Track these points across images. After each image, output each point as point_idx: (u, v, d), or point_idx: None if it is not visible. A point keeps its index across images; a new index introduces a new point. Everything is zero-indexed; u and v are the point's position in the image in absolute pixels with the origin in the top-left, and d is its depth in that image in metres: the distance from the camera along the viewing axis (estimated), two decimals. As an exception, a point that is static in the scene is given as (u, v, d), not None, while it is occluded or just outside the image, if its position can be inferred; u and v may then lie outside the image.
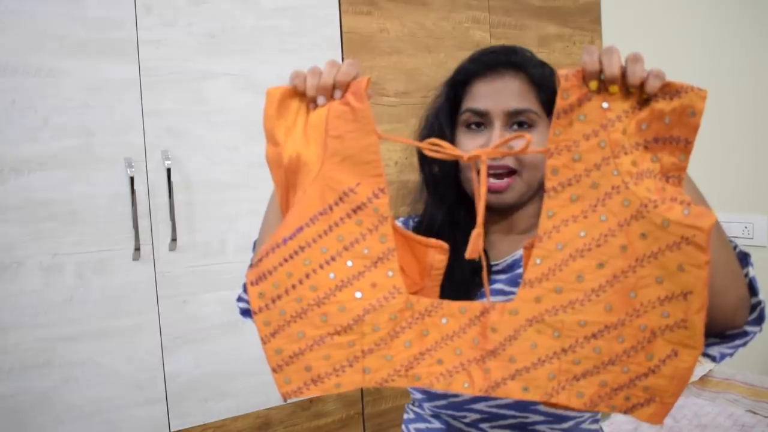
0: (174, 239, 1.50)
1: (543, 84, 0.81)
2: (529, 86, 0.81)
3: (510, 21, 2.04)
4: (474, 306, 0.64)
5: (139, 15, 1.45)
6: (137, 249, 1.45)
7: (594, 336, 0.59)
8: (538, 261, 0.61)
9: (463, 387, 0.63)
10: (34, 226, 1.36)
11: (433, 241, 0.68)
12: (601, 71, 0.57)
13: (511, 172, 0.80)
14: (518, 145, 0.73)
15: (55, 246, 1.38)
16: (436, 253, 0.68)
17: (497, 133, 0.79)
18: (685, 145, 0.57)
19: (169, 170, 1.48)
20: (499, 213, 0.86)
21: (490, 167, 0.79)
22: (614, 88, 0.58)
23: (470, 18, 1.96)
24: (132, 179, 1.43)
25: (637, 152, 0.58)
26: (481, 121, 0.82)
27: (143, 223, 1.47)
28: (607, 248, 0.59)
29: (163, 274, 1.51)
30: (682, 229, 0.56)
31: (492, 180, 0.79)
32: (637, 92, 0.58)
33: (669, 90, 0.56)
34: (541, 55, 0.87)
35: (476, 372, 0.63)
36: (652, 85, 0.56)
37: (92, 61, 1.41)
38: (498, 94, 0.80)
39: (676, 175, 0.58)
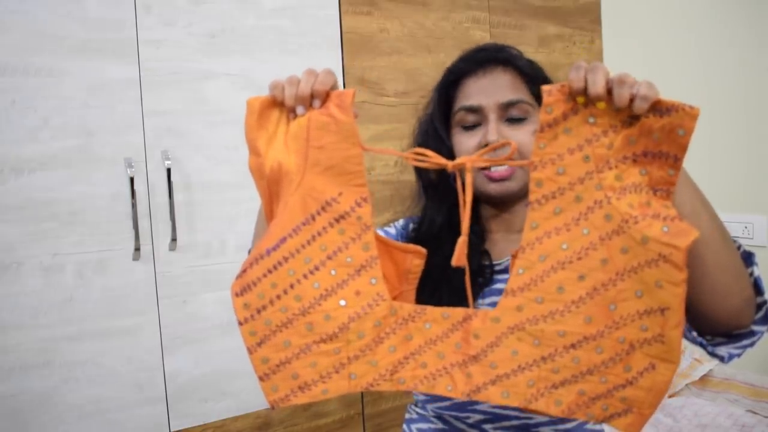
0: (174, 239, 1.50)
1: (533, 76, 0.82)
2: (520, 79, 0.82)
3: (510, 21, 2.04)
4: (457, 312, 0.65)
5: (139, 15, 1.46)
6: (137, 249, 1.45)
7: (573, 346, 0.60)
8: (520, 271, 0.62)
9: (446, 390, 0.64)
10: (34, 226, 1.36)
11: (410, 246, 0.69)
12: (586, 88, 0.57)
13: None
14: (505, 152, 0.74)
15: (55, 246, 1.38)
16: (414, 258, 0.69)
17: (493, 127, 0.79)
18: (674, 162, 0.57)
19: (169, 170, 1.48)
20: (499, 212, 0.86)
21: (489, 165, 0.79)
22: (602, 104, 0.58)
23: (470, 18, 1.96)
24: (132, 179, 1.43)
25: (624, 166, 0.59)
26: (476, 118, 0.82)
27: (143, 223, 1.47)
28: (589, 261, 0.59)
29: (163, 274, 1.51)
30: (659, 247, 0.56)
31: (494, 169, 0.80)
32: (626, 108, 0.57)
33: (659, 107, 0.56)
34: (541, 55, 0.88)
35: (458, 376, 0.64)
36: (639, 107, 0.55)
37: (92, 61, 1.41)
38: (490, 89, 0.81)
39: (664, 188, 0.58)
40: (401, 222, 0.95)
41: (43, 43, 1.36)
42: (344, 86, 1.72)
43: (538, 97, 0.81)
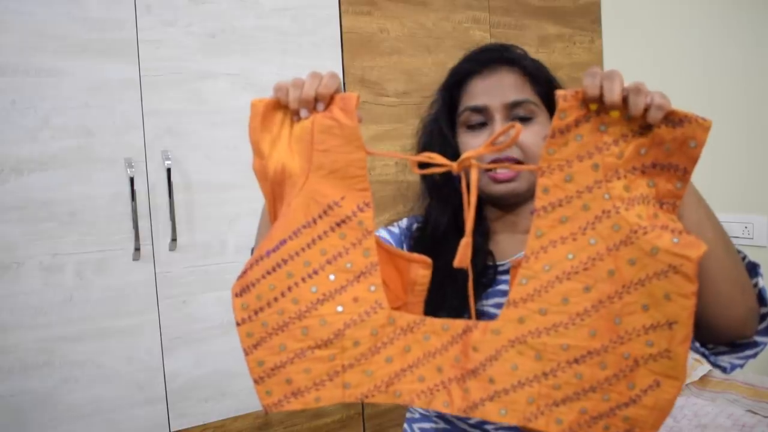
0: (174, 239, 1.50)
1: (538, 75, 0.82)
2: (525, 78, 0.81)
3: (510, 21, 2.04)
4: (457, 324, 0.63)
5: (139, 15, 1.45)
6: (137, 249, 1.45)
7: (576, 361, 0.58)
8: (524, 281, 0.60)
9: (443, 406, 0.63)
10: (34, 226, 1.36)
11: (416, 255, 0.68)
12: (602, 95, 0.56)
13: (517, 163, 0.79)
14: (512, 151, 0.73)
15: (55, 246, 1.38)
16: (420, 268, 0.67)
17: (498, 127, 0.79)
18: (683, 174, 0.57)
19: (169, 170, 1.48)
20: (504, 212, 0.86)
21: (495, 161, 0.78)
22: (615, 113, 0.57)
23: (470, 18, 1.96)
24: (132, 179, 1.43)
25: (632, 177, 0.58)
26: (482, 118, 0.81)
27: (143, 223, 1.47)
28: (595, 272, 0.58)
29: (163, 274, 1.50)
30: (670, 258, 0.55)
31: (500, 170, 0.79)
32: (639, 117, 0.57)
33: (672, 118, 0.55)
34: (541, 55, 0.88)
35: (456, 391, 0.62)
36: (654, 117, 0.55)
37: (92, 61, 1.41)
38: (495, 89, 0.80)
39: (671, 201, 0.58)
40: (405, 222, 0.94)
41: (43, 43, 1.36)
42: (344, 86, 1.72)
43: (542, 97, 0.81)
